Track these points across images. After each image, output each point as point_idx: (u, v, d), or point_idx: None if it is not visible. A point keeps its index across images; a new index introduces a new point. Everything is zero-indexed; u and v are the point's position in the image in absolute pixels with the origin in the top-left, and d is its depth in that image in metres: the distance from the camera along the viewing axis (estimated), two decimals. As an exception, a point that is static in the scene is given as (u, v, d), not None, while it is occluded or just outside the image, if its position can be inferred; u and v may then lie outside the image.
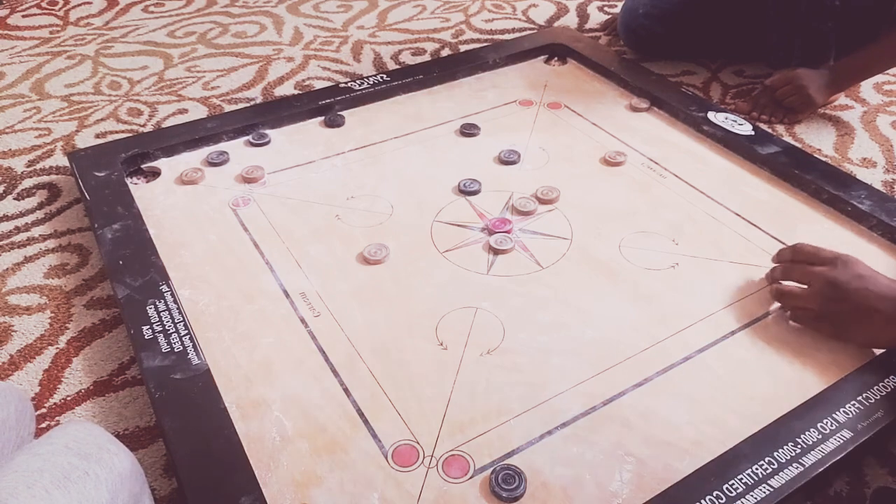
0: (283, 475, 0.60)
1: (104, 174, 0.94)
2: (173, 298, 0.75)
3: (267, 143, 1.04)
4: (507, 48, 1.29)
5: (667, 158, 1.00)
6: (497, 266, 0.83)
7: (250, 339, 0.73)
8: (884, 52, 1.04)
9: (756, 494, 0.56)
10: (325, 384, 0.68)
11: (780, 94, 1.11)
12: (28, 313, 0.81)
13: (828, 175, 0.94)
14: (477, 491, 0.59)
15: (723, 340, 0.73)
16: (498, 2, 1.59)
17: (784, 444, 0.60)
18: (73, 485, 0.44)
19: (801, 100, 1.10)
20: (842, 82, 1.10)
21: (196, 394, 0.65)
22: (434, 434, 0.64)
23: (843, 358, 0.69)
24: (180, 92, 1.25)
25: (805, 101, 1.10)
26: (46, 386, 0.72)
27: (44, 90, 1.25)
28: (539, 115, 1.12)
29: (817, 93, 1.09)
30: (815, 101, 1.10)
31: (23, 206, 0.97)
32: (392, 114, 1.12)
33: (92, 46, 1.41)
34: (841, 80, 1.09)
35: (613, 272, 0.82)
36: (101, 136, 1.12)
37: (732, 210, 0.91)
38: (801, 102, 1.10)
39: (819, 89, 1.09)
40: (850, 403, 0.63)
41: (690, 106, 1.09)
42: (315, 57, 1.36)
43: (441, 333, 0.74)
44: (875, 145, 1.08)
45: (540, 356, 0.71)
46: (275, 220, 0.90)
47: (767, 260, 0.81)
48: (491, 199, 0.93)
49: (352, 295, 0.79)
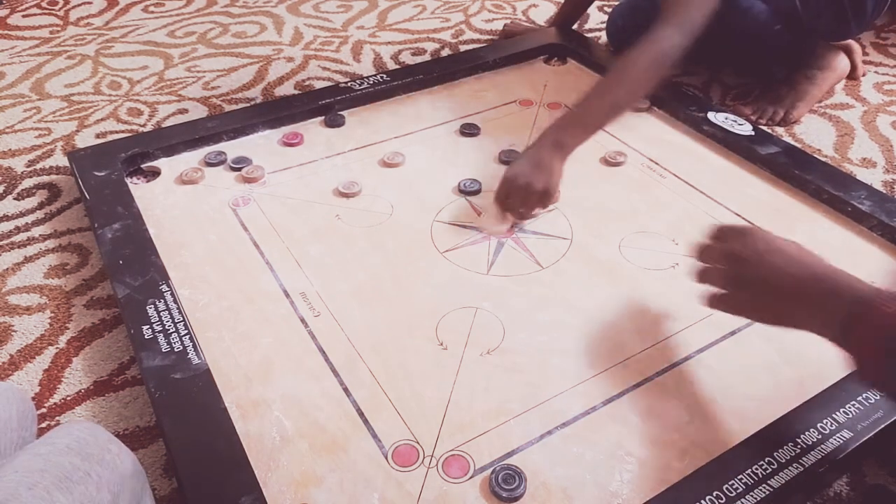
0: (283, 475, 0.60)
1: (104, 174, 0.94)
2: (173, 298, 0.75)
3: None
4: (507, 48, 1.29)
5: (667, 158, 1.00)
6: (497, 266, 0.83)
7: (250, 339, 0.73)
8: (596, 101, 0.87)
9: (756, 494, 0.56)
10: (325, 384, 0.68)
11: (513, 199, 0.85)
12: (28, 313, 0.81)
13: (828, 175, 0.94)
14: (477, 491, 0.59)
15: (723, 340, 0.73)
16: (498, 2, 1.59)
17: (784, 444, 0.60)
18: (75, 486, 0.44)
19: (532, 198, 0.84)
20: (549, 147, 0.85)
21: (196, 394, 0.65)
22: (434, 434, 0.64)
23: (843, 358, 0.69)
24: (180, 92, 1.25)
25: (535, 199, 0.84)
26: (46, 386, 0.72)
27: (44, 90, 1.25)
28: (539, 115, 1.12)
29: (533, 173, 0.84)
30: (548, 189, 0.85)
31: (23, 206, 0.97)
32: (392, 114, 1.12)
33: (92, 46, 1.41)
34: (547, 145, 0.86)
35: (613, 272, 0.82)
36: (101, 135, 1.12)
37: (732, 210, 0.91)
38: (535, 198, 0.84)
39: (532, 168, 0.84)
40: (850, 403, 0.63)
41: (690, 106, 1.09)
42: (315, 57, 1.36)
43: (441, 333, 0.74)
44: (875, 145, 1.08)
45: (540, 356, 0.71)
46: (275, 220, 0.90)
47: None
48: (491, 199, 0.93)
49: (352, 295, 0.79)
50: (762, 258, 0.59)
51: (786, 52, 1.15)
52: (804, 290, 0.56)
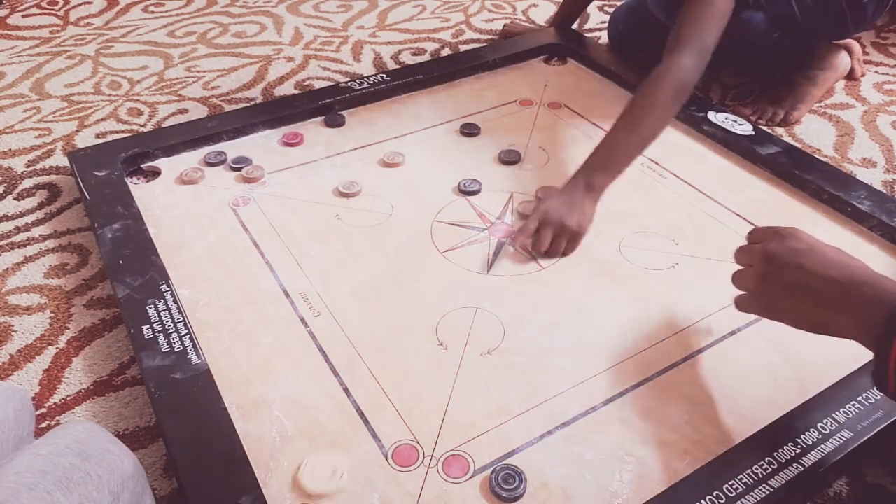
0: (283, 475, 0.60)
1: (104, 174, 0.94)
2: (173, 298, 0.75)
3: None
4: (507, 48, 1.29)
5: (667, 158, 1.00)
6: (497, 266, 0.83)
7: (250, 339, 0.73)
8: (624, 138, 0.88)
9: (756, 494, 0.56)
10: (325, 384, 0.68)
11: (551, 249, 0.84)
12: (28, 313, 0.81)
13: (828, 175, 0.94)
14: (477, 491, 0.59)
15: (723, 340, 0.73)
16: (498, 2, 1.59)
17: (784, 444, 0.60)
18: (76, 486, 0.44)
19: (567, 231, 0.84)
20: (584, 187, 0.85)
21: (196, 394, 0.65)
22: (434, 434, 0.64)
23: (843, 358, 0.69)
24: (180, 92, 1.25)
25: (570, 233, 0.84)
26: (46, 386, 0.72)
27: (44, 90, 1.25)
28: (539, 115, 1.12)
29: (569, 212, 0.84)
30: (579, 225, 0.84)
31: (23, 206, 0.97)
32: (392, 114, 1.12)
33: (92, 46, 1.41)
34: (582, 185, 0.86)
35: (613, 272, 0.82)
36: (101, 135, 1.12)
37: (732, 210, 0.91)
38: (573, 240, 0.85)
39: (568, 208, 0.84)
40: (850, 403, 0.63)
41: (690, 106, 1.09)
42: (315, 57, 1.36)
43: (441, 333, 0.74)
44: (875, 145, 1.08)
45: (540, 356, 0.71)
46: (275, 220, 0.90)
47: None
48: (491, 199, 0.93)
49: (352, 295, 0.79)
50: (798, 260, 0.57)
51: (786, 57, 1.15)
52: (843, 294, 0.54)
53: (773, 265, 0.59)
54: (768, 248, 0.60)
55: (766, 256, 0.60)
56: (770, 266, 0.59)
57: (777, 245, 0.59)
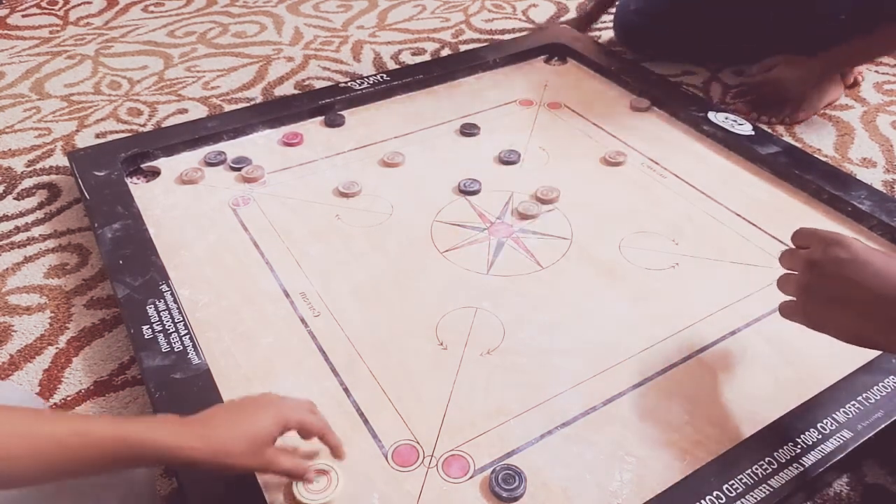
0: (284, 475, 0.60)
1: (104, 174, 0.94)
2: (173, 298, 0.75)
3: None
4: (507, 48, 1.29)
5: (667, 158, 1.00)
6: (497, 266, 0.83)
7: (250, 339, 0.73)
8: (876, 42, 1.04)
9: (756, 494, 0.56)
10: (325, 384, 0.68)
11: (763, 96, 1.11)
12: (28, 313, 0.81)
13: (828, 175, 0.94)
14: (477, 491, 0.59)
15: (723, 340, 0.73)
16: (498, 2, 1.59)
17: (784, 444, 0.60)
18: (83, 490, 0.44)
19: (787, 95, 1.09)
20: (830, 69, 1.09)
21: (196, 394, 0.65)
22: (434, 434, 0.64)
23: (843, 358, 0.69)
24: (180, 92, 1.25)
25: (790, 96, 1.09)
26: (46, 386, 0.72)
27: (44, 90, 1.25)
28: (539, 115, 1.12)
29: (800, 84, 1.08)
30: (801, 94, 1.09)
31: (23, 206, 0.97)
32: (392, 114, 1.12)
33: (92, 46, 1.41)
34: (830, 67, 1.08)
35: (613, 272, 0.82)
36: (101, 135, 1.12)
37: (732, 210, 0.91)
38: (787, 97, 1.09)
39: (802, 80, 1.08)
40: (850, 403, 0.63)
41: (690, 106, 1.09)
42: (315, 57, 1.36)
43: (441, 333, 0.74)
44: (875, 145, 1.08)
45: (540, 356, 0.71)
46: (275, 219, 0.90)
47: (767, 260, 0.81)
48: (491, 199, 0.93)
49: (352, 295, 0.79)
50: (841, 269, 0.54)
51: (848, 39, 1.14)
52: (887, 310, 0.51)
53: (815, 275, 0.56)
54: (812, 257, 0.57)
55: (809, 265, 0.57)
56: (812, 276, 0.57)
57: (821, 254, 0.56)
